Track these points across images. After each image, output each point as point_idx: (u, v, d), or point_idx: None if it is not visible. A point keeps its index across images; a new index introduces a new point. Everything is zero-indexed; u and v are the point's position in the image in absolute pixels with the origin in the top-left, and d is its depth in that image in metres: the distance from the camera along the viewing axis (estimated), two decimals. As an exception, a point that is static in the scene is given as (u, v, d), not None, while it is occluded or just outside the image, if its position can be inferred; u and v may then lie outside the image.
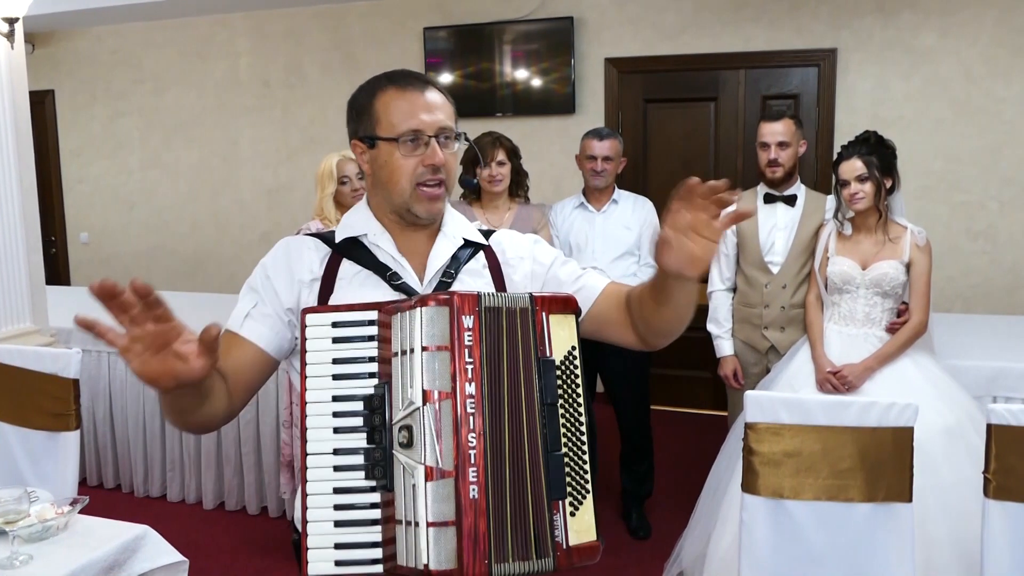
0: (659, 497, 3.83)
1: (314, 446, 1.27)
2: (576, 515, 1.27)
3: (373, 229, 1.45)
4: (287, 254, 1.45)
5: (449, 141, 1.42)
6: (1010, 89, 4.40)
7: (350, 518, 1.25)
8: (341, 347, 1.29)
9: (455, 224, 1.51)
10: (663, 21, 4.95)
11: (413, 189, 1.40)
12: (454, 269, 1.45)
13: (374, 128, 1.42)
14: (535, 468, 1.24)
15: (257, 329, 1.41)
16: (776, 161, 3.14)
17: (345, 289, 1.41)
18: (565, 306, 1.34)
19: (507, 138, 3.38)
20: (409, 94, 1.42)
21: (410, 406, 1.22)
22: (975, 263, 4.57)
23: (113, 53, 6.30)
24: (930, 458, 2.54)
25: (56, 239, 6.66)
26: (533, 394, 1.27)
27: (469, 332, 1.22)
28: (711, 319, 3.34)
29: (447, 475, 1.18)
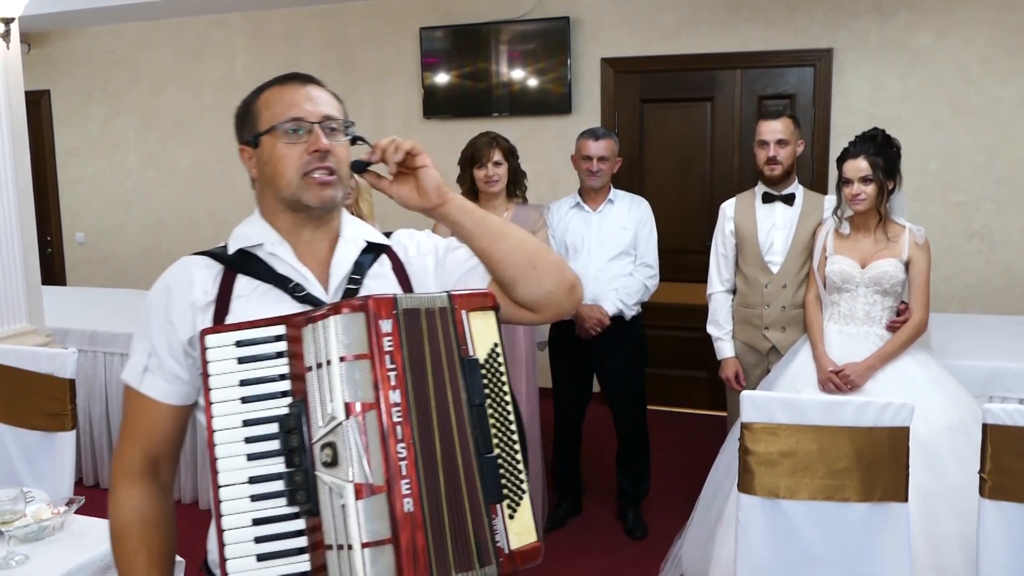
0: (656, 497, 3.83)
1: (227, 476, 1.17)
2: (515, 517, 1.21)
3: (270, 238, 1.35)
4: (176, 279, 1.34)
5: (336, 133, 1.34)
6: (1006, 89, 4.41)
7: (274, 550, 1.16)
8: (248, 367, 1.20)
9: (355, 228, 1.43)
10: (659, 21, 4.95)
11: (300, 179, 1.31)
12: (359, 275, 1.37)
13: (256, 126, 1.35)
14: (469, 473, 1.18)
15: (157, 385, 1.32)
16: (775, 159, 3.15)
17: (243, 307, 1.30)
18: (484, 302, 1.27)
19: (504, 138, 3.38)
20: (290, 88, 1.37)
21: (332, 422, 1.13)
22: (971, 263, 4.58)
23: (109, 53, 6.30)
24: (936, 457, 2.54)
25: (52, 239, 6.64)
26: (460, 396, 1.20)
27: (388, 337, 1.15)
28: (711, 321, 3.34)
29: (378, 491, 1.10)
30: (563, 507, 3.72)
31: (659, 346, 4.73)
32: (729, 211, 3.31)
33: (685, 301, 4.76)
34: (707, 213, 4.44)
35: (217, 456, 1.18)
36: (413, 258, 1.45)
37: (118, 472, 1.34)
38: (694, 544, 3.00)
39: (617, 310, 3.44)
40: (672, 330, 4.99)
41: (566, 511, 3.73)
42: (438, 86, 5.36)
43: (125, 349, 3.94)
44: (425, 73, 5.37)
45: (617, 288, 3.47)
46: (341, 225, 1.42)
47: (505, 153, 3.34)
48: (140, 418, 1.34)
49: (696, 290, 3.58)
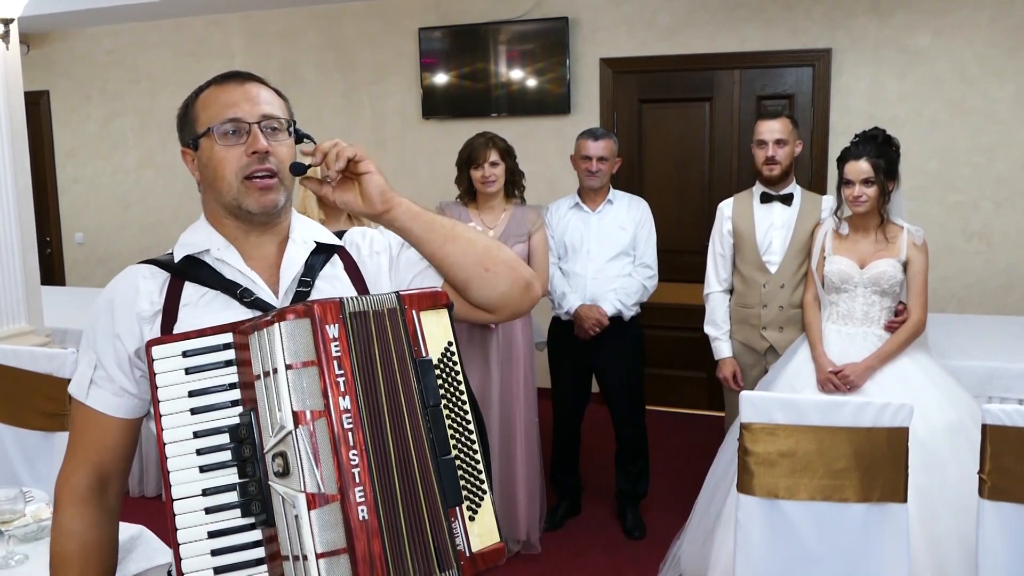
0: (654, 497, 3.83)
1: (180, 490, 1.15)
2: (476, 519, 1.20)
3: (216, 243, 1.31)
4: (122, 290, 1.31)
5: (277, 132, 1.29)
6: (1004, 89, 4.42)
7: (230, 562, 1.14)
8: (196, 377, 1.17)
9: (304, 229, 1.39)
10: (658, 21, 4.95)
11: (240, 182, 1.26)
12: (310, 277, 1.33)
13: (195, 128, 1.30)
14: (426, 477, 1.16)
15: (104, 398, 1.28)
16: (774, 159, 3.15)
17: (191, 315, 1.27)
18: (435, 301, 1.24)
19: (501, 138, 3.37)
20: (228, 87, 1.30)
21: (281, 431, 1.11)
22: (970, 263, 4.59)
23: (108, 54, 6.29)
24: (935, 456, 2.55)
25: (51, 239, 6.64)
26: (414, 399, 1.17)
27: (335, 342, 1.12)
28: (708, 321, 3.34)
29: (331, 500, 1.09)
30: (562, 507, 3.72)
31: (657, 346, 4.74)
32: (727, 211, 3.31)
33: (683, 301, 4.76)
34: (706, 213, 4.44)
35: (169, 469, 1.15)
36: (366, 257, 1.41)
37: (63, 493, 1.29)
38: (693, 544, 3.01)
39: (616, 310, 3.44)
40: (670, 330, 4.99)
41: (565, 511, 3.73)
42: (437, 86, 5.36)
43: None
44: (424, 73, 5.37)
45: (616, 288, 3.48)
46: (290, 226, 1.37)
47: (502, 153, 3.33)
48: (88, 433, 1.30)
49: (694, 290, 3.58)
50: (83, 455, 1.30)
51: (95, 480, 1.30)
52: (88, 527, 1.28)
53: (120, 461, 1.32)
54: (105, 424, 1.29)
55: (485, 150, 3.29)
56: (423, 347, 1.21)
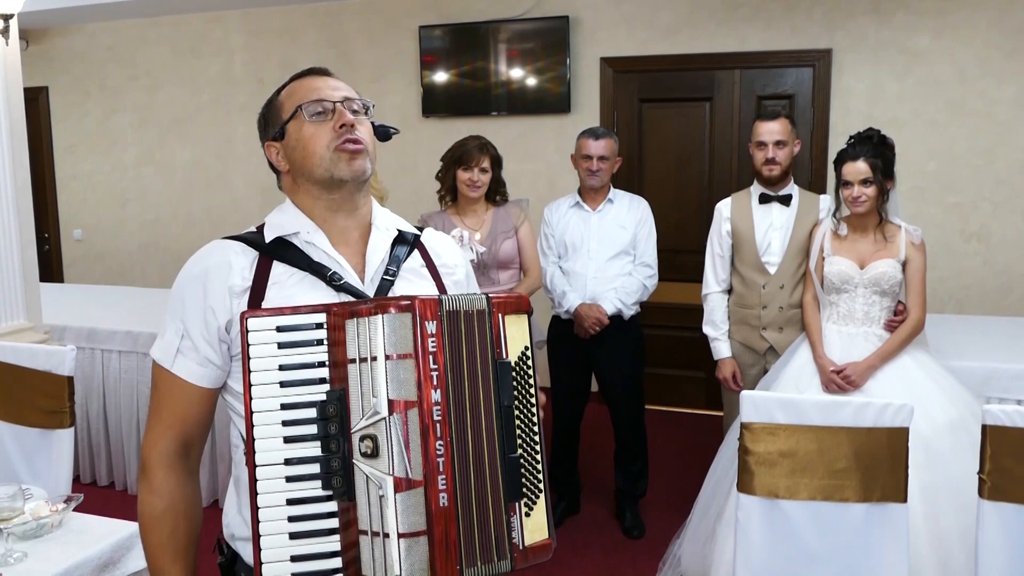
0: (653, 497, 3.84)
1: (263, 456, 1.20)
2: (531, 515, 1.28)
3: (305, 226, 1.37)
4: (216, 263, 1.35)
5: (358, 114, 1.38)
6: (1003, 91, 4.42)
7: (306, 529, 1.20)
8: (288, 352, 1.22)
9: (385, 217, 1.46)
10: (658, 21, 4.95)
11: (332, 152, 1.34)
12: (395, 267, 1.40)
13: (280, 118, 1.39)
14: (493, 471, 1.24)
15: (189, 367, 1.34)
16: (774, 160, 3.15)
17: (280, 293, 1.32)
18: (519, 306, 1.33)
19: (493, 146, 3.36)
20: (308, 79, 1.40)
21: (374, 416, 1.18)
22: (968, 264, 4.59)
23: (107, 50, 6.28)
24: (938, 454, 2.56)
25: (50, 236, 6.63)
26: (491, 397, 1.25)
27: (432, 338, 1.20)
28: (707, 321, 3.34)
29: (416, 485, 1.17)
30: (560, 506, 3.72)
31: (657, 346, 4.74)
32: (725, 211, 3.31)
33: (683, 301, 4.77)
34: (706, 213, 4.44)
35: (256, 437, 1.20)
36: (447, 263, 1.50)
37: (153, 456, 1.35)
38: (692, 544, 3.01)
39: (616, 309, 3.44)
40: (670, 330, 4.99)
41: (564, 510, 3.73)
42: (437, 85, 5.36)
43: (123, 346, 3.93)
44: (424, 72, 5.36)
45: (616, 287, 3.48)
46: (372, 214, 1.44)
47: (493, 161, 3.34)
48: (173, 401, 1.35)
49: (694, 290, 3.58)
50: (169, 421, 1.35)
51: (180, 445, 1.36)
52: (175, 487, 1.35)
53: (202, 429, 1.39)
54: (189, 392, 1.34)
55: (478, 154, 3.29)
56: (504, 349, 1.29)
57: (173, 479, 1.35)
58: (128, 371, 3.95)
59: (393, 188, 4.10)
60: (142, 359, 3.90)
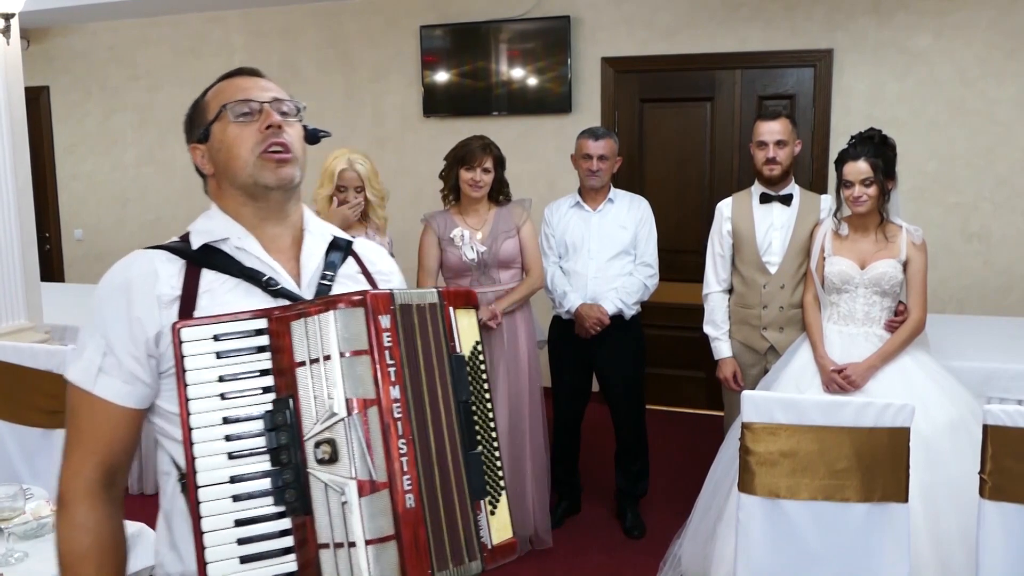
0: (654, 497, 3.84)
1: (206, 476, 1.12)
2: (495, 514, 1.24)
3: (236, 232, 1.29)
4: (139, 273, 1.25)
5: (287, 117, 1.31)
6: (1004, 91, 4.42)
7: (258, 551, 1.12)
8: (227, 362, 1.15)
9: (318, 223, 1.40)
10: (659, 21, 4.95)
11: (256, 158, 1.26)
12: (331, 272, 1.33)
13: (205, 118, 1.32)
14: (457, 470, 1.19)
15: (114, 387, 1.22)
16: (774, 160, 3.15)
17: (213, 301, 1.24)
18: (467, 300, 1.30)
19: (497, 147, 3.36)
20: (237, 79, 1.34)
21: (331, 418, 1.12)
22: (969, 264, 4.59)
23: (108, 50, 6.28)
24: (938, 453, 2.56)
25: (50, 236, 6.63)
26: (449, 393, 1.21)
27: (387, 332, 1.14)
28: (708, 321, 3.34)
29: (381, 487, 1.10)
30: (561, 506, 3.72)
31: (657, 346, 4.74)
32: (726, 211, 3.31)
33: (684, 301, 4.76)
34: (706, 213, 4.43)
35: (196, 455, 1.12)
36: (382, 271, 1.44)
37: (74, 488, 1.23)
38: (693, 543, 3.01)
39: (617, 309, 3.44)
40: (670, 330, 4.99)
41: (564, 510, 3.73)
42: (438, 84, 5.36)
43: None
44: (425, 71, 5.36)
45: (617, 287, 3.48)
46: (304, 218, 1.38)
47: (496, 162, 3.33)
48: (95, 425, 1.23)
49: (695, 290, 3.58)
50: (91, 448, 1.24)
51: (104, 474, 1.24)
52: (101, 521, 1.23)
53: (127, 454, 1.27)
54: (113, 414, 1.23)
55: (482, 155, 3.28)
56: (458, 343, 1.25)
57: (97, 513, 1.23)
58: (129, 371, 3.93)
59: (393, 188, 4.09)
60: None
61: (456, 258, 3.30)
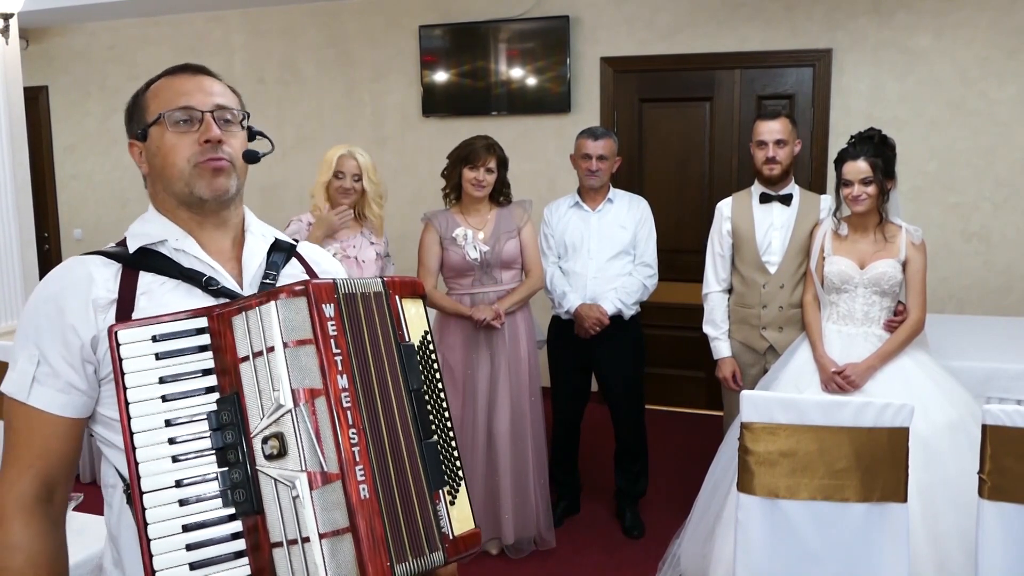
0: (653, 496, 3.84)
1: (150, 481, 1.08)
2: (455, 504, 1.21)
3: (173, 234, 1.27)
4: (72, 279, 1.22)
5: (230, 125, 1.27)
6: (1004, 91, 4.42)
7: (207, 556, 1.08)
8: (168, 363, 1.12)
9: (259, 225, 1.38)
10: (659, 20, 4.95)
11: (192, 167, 1.23)
12: (274, 271, 1.31)
13: (144, 118, 1.28)
14: (412, 459, 1.16)
15: (49, 396, 1.18)
16: (774, 159, 3.15)
17: (152, 303, 1.21)
18: (414, 290, 1.28)
19: (500, 147, 3.36)
20: (179, 79, 1.29)
21: (277, 410, 1.09)
22: (968, 264, 4.59)
23: (107, 49, 6.28)
24: (937, 453, 2.56)
25: (49, 235, 6.63)
26: (400, 382, 1.19)
27: (332, 321, 1.12)
28: (707, 321, 3.34)
29: (333, 478, 1.07)
30: (561, 506, 3.72)
31: (657, 346, 4.74)
32: (726, 211, 3.31)
33: (683, 301, 4.76)
34: (706, 213, 4.44)
35: (139, 460, 1.09)
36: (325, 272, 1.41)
37: (7, 503, 1.17)
38: (692, 543, 3.01)
39: (616, 309, 3.44)
40: (670, 330, 4.99)
41: (564, 510, 3.73)
42: (437, 84, 5.36)
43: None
44: (424, 71, 5.36)
45: (616, 287, 3.48)
46: (245, 220, 1.35)
47: (499, 162, 3.33)
48: (31, 437, 1.19)
49: (694, 290, 3.58)
50: (26, 461, 1.19)
51: (41, 488, 1.19)
52: (35, 538, 1.18)
53: (66, 467, 1.22)
54: (50, 425, 1.19)
55: (485, 154, 3.28)
56: (406, 332, 1.23)
57: (33, 529, 1.17)
58: (128, 371, 3.94)
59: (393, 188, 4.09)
60: (142, 359, 3.90)
61: (459, 257, 3.30)
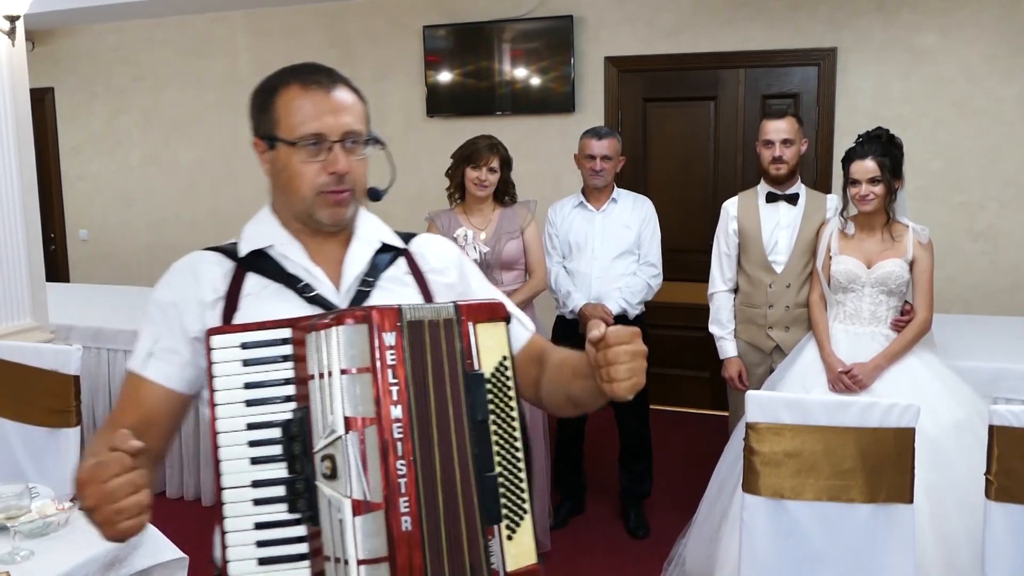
0: (657, 497, 3.83)
1: (230, 479, 1.15)
2: (514, 538, 1.18)
3: (280, 239, 1.33)
4: (188, 274, 1.32)
5: (356, 147, 1.30)
6: (1010, 89, 4.41)
7: (275, 554, 1.14)
8: (253, 370, 1.18)
9: (370, 227, 1.39)
10: (662, 20, 4.94)
11: (315, 195, 1.29)
12: (372, 277, 1.34)
13: (274, 128, 1.30)
14: (467, 492, 1.15)
15: (162, 369, 1.29)
16: (781, 158, 3.14)
17: (252, 306, 1.28)
18: (493, 313, 1.23)
19: (504, 147, 3.36)
20: (313, 93, 1.29)
21: (331, 435, 1.12)
22: (975, 264, 4.58)
23: (113, 51, 6.30)
24: (944, 453, 2.55)
25: (56, 236, 6.65)
26: (462, 412, 1.17)
27: (391, 350, 1.13)
28: (713, 320, 3.33)
29: (376, 508, 1.09)
30: (565, 506, 3.72)
31: (661, 346, 4.71)
32: (732, 210, 3.30)
33: (688, 300, 4.76)
34: (710, 212, 4.43)
35: (221, 458, 1.16)
36: (436, 267, 1.43)
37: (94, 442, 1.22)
38: (697, 544, 3.00)
39: (621, 309, 3.44)
40: (674, 330, 4.98)
41: (568, 510, 3.72)
42: (441, 84, 5.36)
43: (130, 346, 3.88)
44: (428, 71, 5.36)
45: (621, 287, 3.47)
46: (356, 224, 1.38)
47: (502, 162, 3.33)
48: (135, 400, 1.29)
49: (699, 290, 3.58)
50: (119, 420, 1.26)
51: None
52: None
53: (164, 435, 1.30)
54: (155, 396, 1.29)
55: (488, 154, 3.29)
56: (476, 360, 1.20)
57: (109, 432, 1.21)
58: (134, 371, 3.95)
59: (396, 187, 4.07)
60: (148, 359, 3.90)
61: None
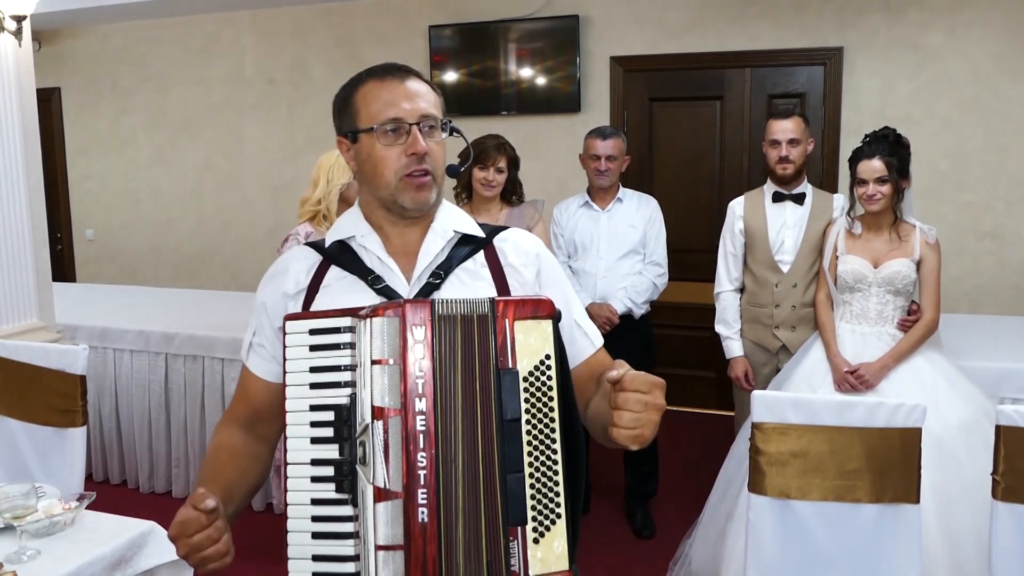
0: (663, 496, 3.83)
1: (294, 455, 1.24)
2: (541, 542, 1.14)
3: (361, 230, 1.40)
4: (276, 269, 1.46)
5: (433, 131, 1.36)
6: (1017, 88, 4.39)
7: (326, 530, 1.21)
8: (318, 355, 1.24)
9: (448, 219, 1.43)
10: (668, 20, 4.94)
11: (399, 180, 1.34)
12: (444, 269, 1.37)
13: (354, 121, 1.37)
14: (490, 490, 1.15)
15: (258, 363, 1.44)
16: (787, 158, 3.14)
17: (328, 296, 1.36)
18: (536, 310, 1.19)
19: (511, 146, 3.36)
20: (388, 83, 1.35)
21: (363, 423, 1.18)
22: (982, 263, 4.56)
23: (119, 51, 6.31)
24: (951, 453, 2.55)
25: (62, 236, 6.66)
26: (491, 409, 1.16)
27: (420, 344, 1.16)
28: (719, 320, 3.33)
29: (395, 496, 1.14)
30: (571, 506, 3.71)
31: (667, 345, 4.72)
32: (739, 210, 3.30)
33: (693, 300, 4.75)
34: (716, 212, 4.43)
35: (289, 436, 1.24)
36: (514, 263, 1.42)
37: (222, 419, 1.47)
38: (703, 544, 3.00)
39: (626, 308, 3.44)
40: (680, 329, 4.98)
41: (574, 510, 3.72)
42: (447, 84, 5.36)
43: (135, 346, 3.95)
44: (434, 71, 5.36)
45: (626, 287, 3.47)
46: (436, 214, 1.42)
47: (509, 162, 3.33)
48: (242, 387, 1.47)
49: (704, 289, 3.57)
50: (237, 410, 1.46)
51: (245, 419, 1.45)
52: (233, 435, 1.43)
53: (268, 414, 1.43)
54: (256, 385, 1.44)
55: (496, 154, 3.28)
56: (511, 357, 1.18)
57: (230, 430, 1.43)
58: (140, 370, 3.97)
59: (403, 188, 4.09)
60: (154, 358, 3.92)
61: None
